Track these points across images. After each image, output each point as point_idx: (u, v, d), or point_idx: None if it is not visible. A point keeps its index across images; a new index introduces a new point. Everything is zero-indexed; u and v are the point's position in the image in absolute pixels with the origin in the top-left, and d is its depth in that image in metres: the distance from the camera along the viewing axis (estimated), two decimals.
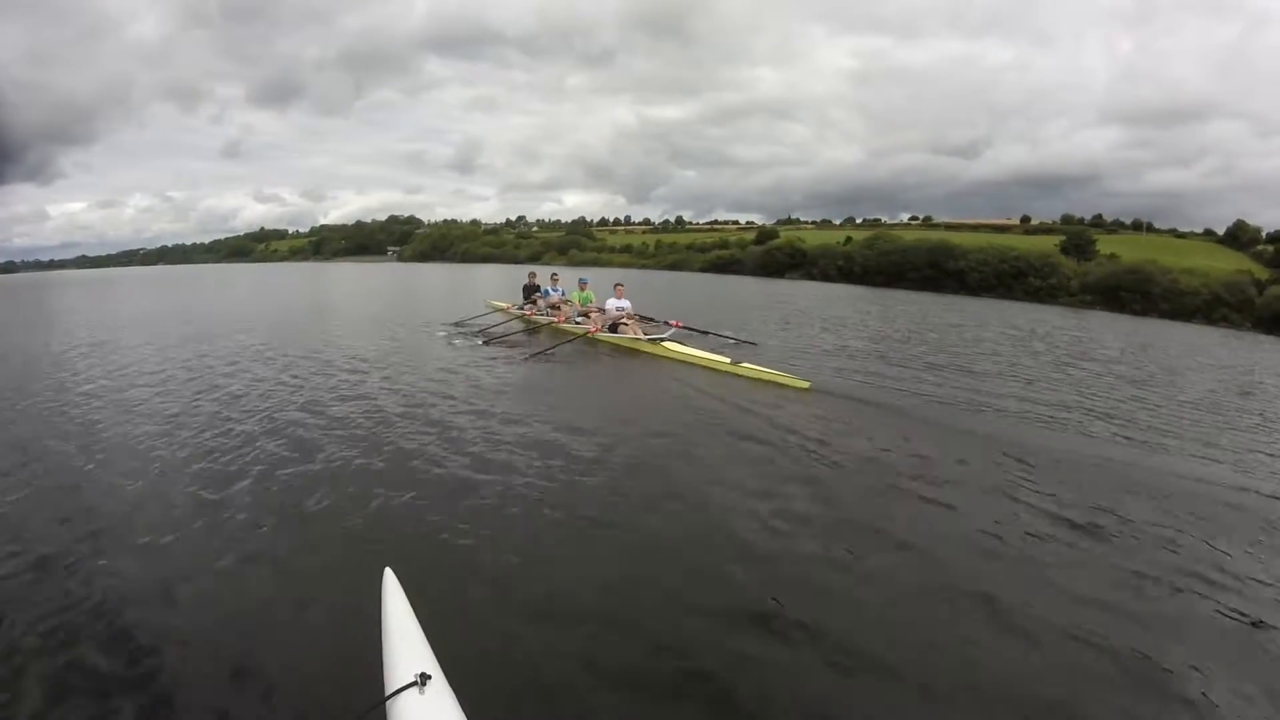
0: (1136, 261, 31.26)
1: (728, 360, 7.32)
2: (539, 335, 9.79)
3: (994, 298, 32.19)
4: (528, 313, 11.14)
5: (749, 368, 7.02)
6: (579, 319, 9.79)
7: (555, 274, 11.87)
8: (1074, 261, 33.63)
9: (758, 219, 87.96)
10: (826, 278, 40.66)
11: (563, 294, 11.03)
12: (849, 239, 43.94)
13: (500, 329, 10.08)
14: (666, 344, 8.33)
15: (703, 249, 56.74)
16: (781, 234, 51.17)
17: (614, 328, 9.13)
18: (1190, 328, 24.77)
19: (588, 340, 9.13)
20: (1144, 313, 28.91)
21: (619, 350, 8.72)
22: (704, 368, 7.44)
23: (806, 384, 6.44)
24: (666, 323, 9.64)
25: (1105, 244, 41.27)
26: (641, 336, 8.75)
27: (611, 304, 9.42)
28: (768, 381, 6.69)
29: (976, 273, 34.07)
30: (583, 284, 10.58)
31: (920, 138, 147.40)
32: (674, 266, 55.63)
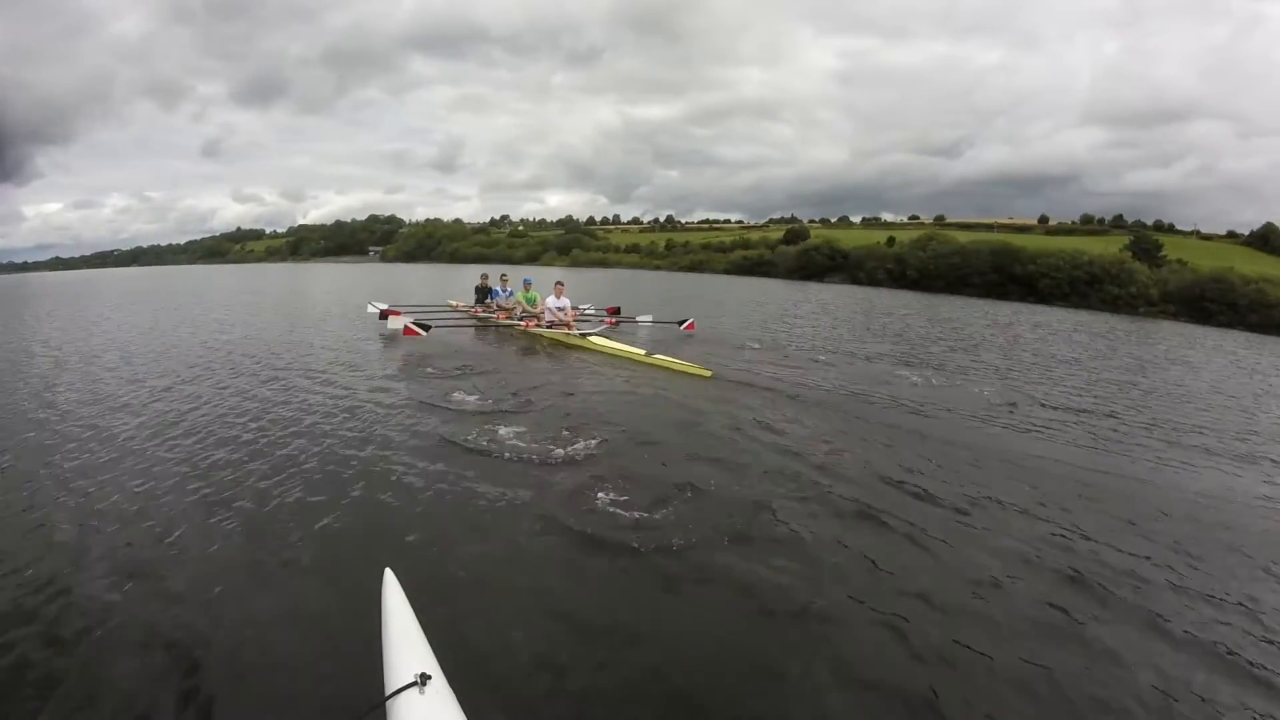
0: (1216, 270, 29.65)
1: (642, 352, 8.05)
2: (483, 331, 10.58)
3: (1067, 307, 30.32)
4: (474, 311, 11.87)
5: (661, 359, 7.70)
6: (522, 318, 10.47)
7: (505, 275, 12.59)
8: (1146, 267, 31.89)
9: (745, 219, 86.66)
10: (874, 282, 38.27)
11: (510, 294, 11.75)
12: (892, 239, 41.55)
13: (450, 324, 10.69)
14: (592, 338, 9.11)
15: (723, 249, 53.88)
16: (813, 233, 48.56)
17: (553, 324, 9.78)
18: None
19: (524, 335, 9.99)
20: (1230, 325, 27.37)
21: (551, 344, 9.34)
22: (624, 359, 8.13)
23: (709, 373, 7.08)
24: (601, 318, 10.94)
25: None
26: (572, 332, 9.48)
27: (551, 302, 9.93)
28: (676, 371, 7.35)
29: (1048, 279, 32.02)
30: (527, 284, 11.11)
31: (905, 138, 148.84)
32: (693, 268, 52.68)
